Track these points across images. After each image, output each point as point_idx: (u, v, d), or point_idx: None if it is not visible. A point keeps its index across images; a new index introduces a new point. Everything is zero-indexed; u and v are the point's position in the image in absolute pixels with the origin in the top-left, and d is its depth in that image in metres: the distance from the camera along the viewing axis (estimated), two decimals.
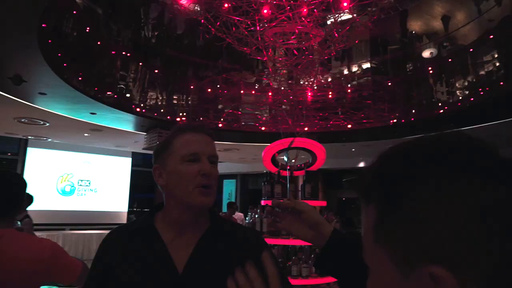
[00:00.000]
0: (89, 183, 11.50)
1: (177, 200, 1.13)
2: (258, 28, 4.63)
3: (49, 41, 4.84)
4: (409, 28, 8.13)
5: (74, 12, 6.21)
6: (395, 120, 6.58)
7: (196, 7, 8.05)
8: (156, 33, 8.51)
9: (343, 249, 0.88)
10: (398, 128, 6.82)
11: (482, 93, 5.83)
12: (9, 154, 10.43)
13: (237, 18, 4.53)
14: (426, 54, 7.61)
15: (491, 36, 5.94)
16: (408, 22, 8.13)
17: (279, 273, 0.70)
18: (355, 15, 4.98)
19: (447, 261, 0.40)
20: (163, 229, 1.14)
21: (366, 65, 8.18)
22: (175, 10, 8.64)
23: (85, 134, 8.92)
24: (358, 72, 8.27)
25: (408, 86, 7.15)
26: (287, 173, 3.97)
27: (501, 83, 5.63)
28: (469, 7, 6.84)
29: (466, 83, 6.38)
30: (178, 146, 1.14)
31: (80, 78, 5.88)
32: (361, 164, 10.77)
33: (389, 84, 7.21)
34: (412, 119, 6.68)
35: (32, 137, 9.67)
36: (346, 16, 5.07)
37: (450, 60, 6.77)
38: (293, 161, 4.38)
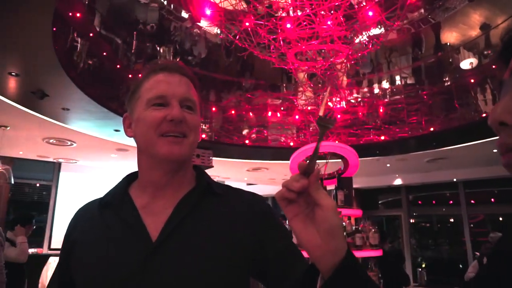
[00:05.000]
0: None
1: (144, 154, 0.92)
2: (280, 36, 4.44)
3: (68, 56, 4.83)
4: (443, 40, 7.76)
5: (91, 34, 6.19)
6: (431, 129, 6.02)
7: (216, 30, 8.09)
8: (177, 59, 8.56)
9: (356, 278, 0.63)
10: (435, 137, 6.23)
11: None
12: (42, 180, 10.42)
13: (260, 22, 4.35)
14: (465, 65, 7.14)
15: None
16: (441, 34, 7.76)
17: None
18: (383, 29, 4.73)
19: None
20: (136, 193, 0.93)
21: (398, 77, 7.80)
22: (194, 35, 8.69)
23: (112, 155, 8.86)
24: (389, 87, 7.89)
25: (447, 96, 6.64)
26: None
27: None
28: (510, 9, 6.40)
29: None
30: (144, 89, 0.93)
31: (100, 93, 5.83)
32: (398, 181, 9.99)
33: (425, 96, 6.76)
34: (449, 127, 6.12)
35: (63, 160, 9.74)
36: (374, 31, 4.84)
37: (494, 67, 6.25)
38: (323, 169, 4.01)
